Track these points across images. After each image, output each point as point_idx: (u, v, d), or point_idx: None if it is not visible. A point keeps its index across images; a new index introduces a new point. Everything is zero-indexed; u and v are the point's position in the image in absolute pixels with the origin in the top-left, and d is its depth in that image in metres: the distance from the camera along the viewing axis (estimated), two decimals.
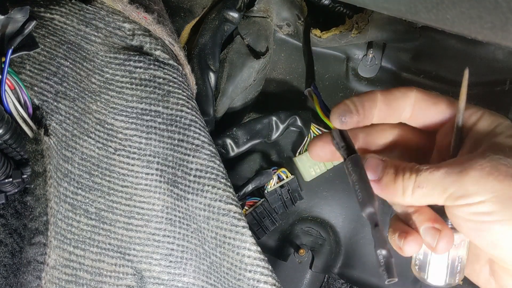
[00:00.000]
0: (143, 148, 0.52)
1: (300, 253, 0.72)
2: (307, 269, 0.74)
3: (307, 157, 0.72)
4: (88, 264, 0.48)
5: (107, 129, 0.51)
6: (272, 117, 0.70)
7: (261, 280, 0.48)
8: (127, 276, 0.51)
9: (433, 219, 0.35)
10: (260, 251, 0.49)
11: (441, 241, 0.34)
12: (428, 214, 0.36)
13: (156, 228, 0.52)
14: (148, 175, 0.52)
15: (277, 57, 0.80)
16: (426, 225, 0.35)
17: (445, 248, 0.35)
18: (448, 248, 0.35)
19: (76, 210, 0.48)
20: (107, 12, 0.54)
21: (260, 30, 0.73)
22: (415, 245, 0.35)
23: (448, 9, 0.31)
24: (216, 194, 0.50)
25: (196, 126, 0.52)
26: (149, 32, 0.55)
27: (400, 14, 0.35)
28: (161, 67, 0.53)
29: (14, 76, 0.44)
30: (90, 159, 0.50)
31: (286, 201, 0.72)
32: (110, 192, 0.51)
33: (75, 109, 0.49)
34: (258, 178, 0.70)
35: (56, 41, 0.50)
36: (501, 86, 0.70)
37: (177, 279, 0.53)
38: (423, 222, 0.35)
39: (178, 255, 0.53)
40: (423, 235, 0.35)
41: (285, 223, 0.76)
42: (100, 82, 0.52)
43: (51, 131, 0.46)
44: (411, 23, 0.69)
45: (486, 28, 0.31)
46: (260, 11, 0.74)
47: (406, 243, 0.35)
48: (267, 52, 0.73)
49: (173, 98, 0.53)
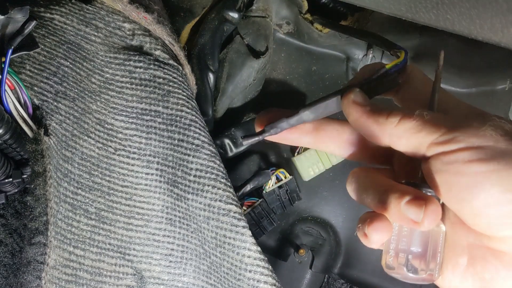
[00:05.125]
0: (143, 148, 0.52)
1: (300, 253, 0.72)
2: (307, 269, 0.74)
3: (305, 157, 0.72)
4: (88, 264, 0.48)
5: (107, 129, 0.51)
6: None
7: (261, 280, 0.48)
8: (127, 276, 0.51)
9: (413, 191, 0.30)
10: (260, 251, 0.49)
11: (428, 212, 0.28)
12: (404, 188, 0.30)
13: (156, 228, 0.52)
14: (148, 175, 0.52)
15: (277, 57, 0.80)
16: (407, 198, 0.29)
17: (433, 220, 0.29)
18: (437, 220, 0.29)
19: (76, 210, 0.48)
20: (107, 12, 0.54)
21: (260, 30, 0.73)
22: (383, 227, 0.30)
23: (448, 9, 0.31)
24: (216, 194, 0.50)
25: (196, 126, 0.52)
26: (149, 32, 0.55)
27: (400, 14, 0.35)
28: (161, 67, 0.53)
29: (14, 76, 0.44)
30: (90, 159, 0.50)
31: (285, 201, 0.72)
32: (110, 192, 0.51)
33: (75, 109, 0.49)
34: (257, 178, 0.70)
35: (56, 41, 0.50)
36: (501, 86, 0.70)
37: (177, 279, 0.53)
38: (402, 196, 0.29)
39: (178, 255, 0.53)
40: (405, 211, 0.29)
41: (285, 223, 0.76)
42: (100, 82, 0.52)
43: (51, 131, 0.46)
44: (411, 23, 0.69)
45: (486, 28, 0.31)
46: (259, 10, 0.74)
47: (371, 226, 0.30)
48: (267, 51, 0.73)
49: (173, 98, 0.53)
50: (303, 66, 0.79)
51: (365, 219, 0.31)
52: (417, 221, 0.29)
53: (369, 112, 0.32)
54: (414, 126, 0.30)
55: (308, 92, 0.79)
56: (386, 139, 0.31)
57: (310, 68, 0.79)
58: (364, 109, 0.32)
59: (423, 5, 0.32)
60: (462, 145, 0.28)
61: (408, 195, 0.29)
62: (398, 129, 0.30)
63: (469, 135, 0.28)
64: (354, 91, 0.33)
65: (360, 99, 0.33)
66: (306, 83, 0.79)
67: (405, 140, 0.31)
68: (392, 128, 0.31)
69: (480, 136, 0.28)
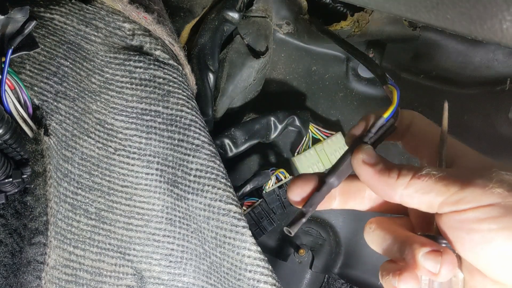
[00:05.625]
0: (143, 148, 0.52)
1: (300, 253, 0.72)
2: (307, 269, 0.74)
3: (305, 157, 0.72)
4: (88, 264, 0.48)
5: (107, 129, 0.51)
6: (270, 117, 0.70)
7: (261, 280, 0.48)
8: (127, 276, 0.51)
9: (429, 243, 0.31)
10: (260, 251, 0.49)
11: (445, 263, 0.30)
12: (421, 240, 0.32)
13: (156, 228, 0.52)
14: (148, 175, 0.52)
15: (277, 57, 0.80)
16: (424, 250, 0.31)
17: (450, 271, 0.31)
18: (453, 270, 0.31)
19: (76, 210, 0.48)
20: (107, 12, 0.54)
21: (260, 30, 0.73)
22: (412, 280, 0.31)
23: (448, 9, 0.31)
24: (216, 194, 0.50)
25: (196, 126, 0.52)
26: (149, 32, 0.55)
27: (400, 14, 0.35)
28: (161, 67, 0.53)
29: (14, 76, 0.44)
30: (90, 159, 0.50)
31: (284, 201, 0.73)
32: (110, 192, 0.51)
33: (75, 109, 0.49)
34: (256, 178, 0.70)
35: (56, 41, 0.50)
36: (501, 86, 0.70)
37: (177, 279, 0.53)
38: (419, 248, 0.31)
39: (178, 255, 0.53)
40: (423, 262, 0.31)
41: (285, 223, 0.76)
42: (100, 82, 0.52)
43: (51, 131, 0.46)
44: (411, 23, 0.69)
45: (486, 28, 0.31)
46: (259, 10, 0.74)
47: (402, 279, 0.31)
48: (267, 51, 0.73)
49: (173, 98, 0.53)
50: (303, 66, 0.80)
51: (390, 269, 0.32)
52: (434, 272, 0.31)
53: (379, 172, 0.33)
54: (424, 186, 0.31)
55: (308, 92, 0.79)
56: (397, 198, 0.33)
57: (310, 68, 0.79)
58: (374, 170, 0.33)
59: (423, 5, 0.32)
60: (472, 204, 0.29)
61: (426, 247, 0.31)
62: (409, 190, 0.32)
63: (478, 194, 0.29)
64: (362, 149, 0.34)
65: (369, 158, 0.34)
66: (306, 83, 0.79)
67: (417, 199, 0.32)
68: (403, 189, 0.32)
69: (489, 194, 0.29)
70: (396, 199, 0.33)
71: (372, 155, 0.34)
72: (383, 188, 0.33)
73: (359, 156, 0.34)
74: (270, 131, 0.71)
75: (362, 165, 0.34)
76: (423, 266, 0.31)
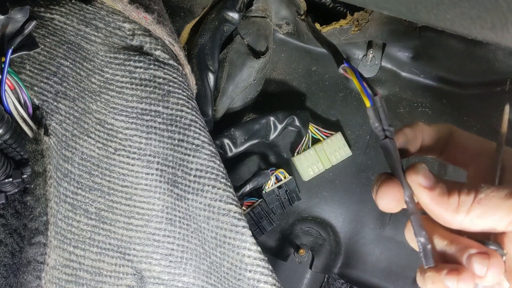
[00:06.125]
0: (143, 148, 0.52)
1: (300, 253, 0.72)
2: (307, 269, 0.74)
3: (305, 157, 0.72)
4: (88, 264, 0.48)
5: (107, 129, 0.51)
6: (270, 117, 0.70)
7: (261, 280, 0.48)
8: (127, 276, 0.51)
9: (476, 245, 0.31)
10: (260, 251, 0.49)
11: (492, 266, 0.29)
12: (468, 242, 0.31)
13: (156, 228, 0.52)
14: (148, 175, 0.52)
15: (277, 57, 0.80)
16: (471, 251, 0.30)
17: (497, 274, 0.30)
18: (500, 274, 0.30)
19: (76, 210, 0.48)
20: (107, 12, 0.54)
21: (260, 30, 0.73)
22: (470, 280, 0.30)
23: (448, 9, 0.31)
24: (216, 194, 0.50)
25: (196, 126, 0.52)
26: (149, 32, 0.55)
27: (400, 14, 0.35)
28: (161, 67, 0.53)
29: (14, 76, 0.44)
30: (90, 159, 0.50)
31: (284, 201, 0.73)
32: (110, 192, 0.51)
33: (75, 109, 0.49)
34: (256, 178, 0.70)
35: (56, 41, 0.50)
36: (501, 86, 0.70)
37: (177, 279, 0.53)
38: (466, 249, 0.30)
39: (178, 255, 0.53)
40: (469, 264, 0.30)
41: (285, 223, 0.76)
42: (100, 82, 0.52)
43: (51, 131, 0.46)
44: (411, 23, 0.69)
45: (486, 28, 0.31)
46: (259, 10, 0.74)
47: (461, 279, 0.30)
48: (267, 51, 0.73)
49: (173, 98, 0.53)
50: (303, 66, 0.79)
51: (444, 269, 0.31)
52: (480, 275, 0.30)
53: (438, 197, 0.32)
54: (486, 210, 0.30)
55: (308, 92, 0.79)
56: (457, 225, 0.32)
57: (310, 68, 0.79)
58: (433, 194, 0.32)
59: (423, 5, 0.32)
60: None
61: (472, 249, 0.30)
62: (470, 217, 0.31)
63: None
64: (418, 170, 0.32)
65: (426, 181, 0.32)
66: (306, 83, 0.79)
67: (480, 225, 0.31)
68: (463, 217, 0.31)
69: None
70: (455, 226, 0.32)
71: (429, 177, 0.32)
72: (442, 216, 0.32)
73: (415, 178, 0.32)
74: (270, 131, 0.71)
75: (419, 189, 0.32)
76: (469, 267, 0.30)
